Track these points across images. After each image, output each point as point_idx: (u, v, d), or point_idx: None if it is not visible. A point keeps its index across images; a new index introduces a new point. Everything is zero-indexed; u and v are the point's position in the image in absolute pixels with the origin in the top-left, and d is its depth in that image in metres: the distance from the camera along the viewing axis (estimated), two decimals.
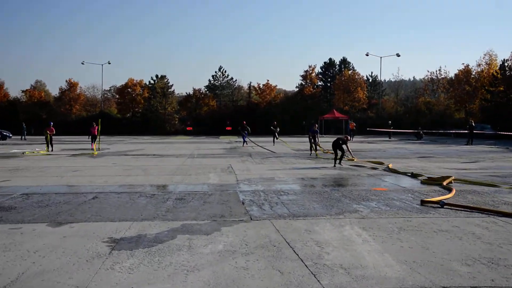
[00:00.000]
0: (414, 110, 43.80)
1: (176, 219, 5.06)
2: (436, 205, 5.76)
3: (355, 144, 23.18)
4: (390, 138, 30.70)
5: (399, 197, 6.52)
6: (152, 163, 12.00)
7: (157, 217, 5.16)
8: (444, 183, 7.43)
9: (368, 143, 24.90)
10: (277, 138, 23.04)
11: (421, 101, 45.07)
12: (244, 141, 21.10)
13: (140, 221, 4.98)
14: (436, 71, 46.38)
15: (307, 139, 16.59)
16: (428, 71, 59.08)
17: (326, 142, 20.80)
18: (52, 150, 17.36)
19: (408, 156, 14.58)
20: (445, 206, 5.61)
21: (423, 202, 5.84)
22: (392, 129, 31.21)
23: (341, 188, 7.43)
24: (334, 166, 11.14)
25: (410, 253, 3.79)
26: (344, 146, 11.45)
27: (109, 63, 51.17)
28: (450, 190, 6.75)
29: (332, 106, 45.17)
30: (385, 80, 61.19)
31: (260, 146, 20.44)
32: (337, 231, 4.53)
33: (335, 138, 12.26)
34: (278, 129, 23.72)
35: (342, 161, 11.69)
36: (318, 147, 15.95)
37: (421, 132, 29.70)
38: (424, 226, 4.71)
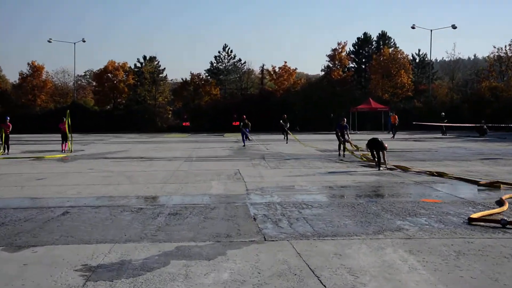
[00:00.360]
0: (476, 98, 42.75)
1: (169, 240, 5.08)
2: (492, 224, 5.56)
3: (396, 143, 22.95)
4: (444, 134, 30.14)
5: (456, 211, 6.46)
6: (139, 169, 12.15)
7: (145, 238, 5.19)
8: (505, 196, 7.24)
9: (415, 140, 24.64)
10: (288, 134, 23.95)
11: (484, 86, 43.63)
12: (245, 140, 21.61)
13: (123, 242, 5.01)
14: (506, 46, 44.66)
15: (335, 136, 16.67)
16: (495, 47, 57.03)
17: (358, 140, 20.67)
18: (8, 153, 17.46)
19: (468, 157, 14.42)
20: (508, 226, 5.36)
21: (471, 220, 5.64)
22: (447, 122, 30.13)
23: (381, 200, 7.39)
24: (378, 169, 11.42)
25: (473, 285, 3.69)
26: (379, 149, 11.73)
27: (84, 41, 51.29)
28: (501, 204, 6.62)
29: (368, 94, 44.92)
30: (436, 60, 60.14)
31: (275, 146, 20.61)
32: (376, 255, 4.48)
33: (370, 137, 12.36)
34: (288, 124, 24.56)
35: (380, 165, 11.71)
36: (349, 145, 16.03)
37: (485, 127, 29.14)
38: (491, 249, 4.59)
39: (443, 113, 31.83)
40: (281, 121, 25.38)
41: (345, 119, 16.53)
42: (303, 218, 6.07)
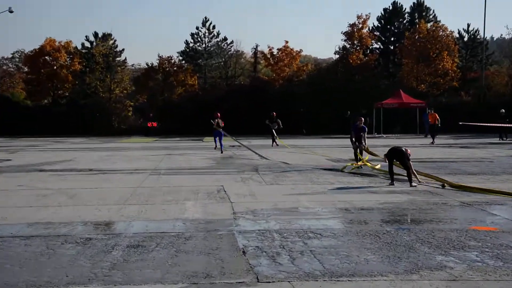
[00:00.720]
0: None
1: (128, 282, 5.07)
2: None
3: (436, 150, 23.11)
4: (503, 138, 29.78)
5: None
6: (87, 185, 12.19)
7: (94, 279, 5.18)
8: None
9: (462, 147, 24.82)
10: (276, 138, 25.46)
11: None
12: (219, 144, 23.01)
13: (63, 286, 5.00)
14: None
15: (350, 141, 16.95)
16: None
17: (384, 146, 20.85)
18: None
19: None
20: None
21: None
22: (508, 122, 29.49)
23: (415, 227, 7.44)
24: (392, 183, 11.79)
25: None
26: (403, 161, 11.98)
27: (11, 12, 49.92)
28: None
29: (398, 85, 45.41)
30: (492, 39, 59.80)
31: (271, 154, 20.77)
32: None
33: (391, 147, 12.54)
34: (277, 125, 25.70)
35: (412, 181, 11.80)
36: (363, 153, 16.25)
37: None
38: None
39: (503, 110, 31.20)
40: (266, 121, 26.11)
41: (362, 119, 16.61)
42: (309, 252, 6.09)
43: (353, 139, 16.21)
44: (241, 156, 20.38)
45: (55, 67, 49.07)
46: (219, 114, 24.49)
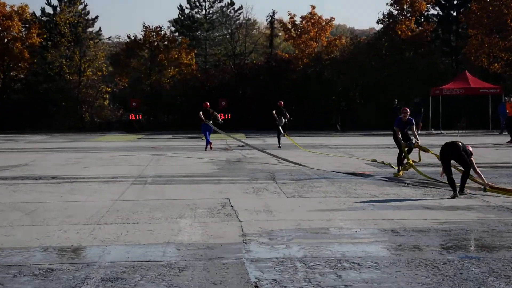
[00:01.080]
0: None
1: None
2: None
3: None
4: None
5: None
6: (50, 198, 12.30)
7: None
8: None
9: None
10: (282, 135, 26.27)
11: None
12: (208, 142, 24.51)
13: None
14: None
15: (394, 140, 16.85)
16: None
17: (434, 146, 20.73)
18: None
19: None
20: None
21: None
22: None
23: (486, 255, 7.41)
24: (455, 194, 11.79)
25: None
26: (461, 158, 12.04)
27: None
28: None
29: (462, 64, 44.99)
30: None
31: (293, 155, 20.85)
32: None
33: (443, 144, 12.52)
34: (284, 119, 26.46)
35: (465, 187, 11.90)
36: (411, 153, 16.16)
37: None
38: None
39: None
40: (274, 112, 26.59)
41: (408, 110, 16.36)
42: None
43: (398, 136, 15.96)
44: (253, 159, 20.44)
45: (5, 40, 49.29)
46: (208, 105, 25.24)
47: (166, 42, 50.34)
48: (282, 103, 27.37)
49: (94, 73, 51.26)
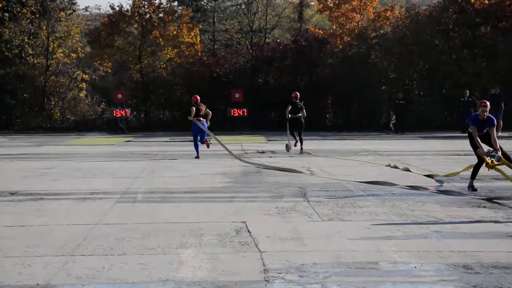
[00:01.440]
0: None
1: None
2: None
3: None
4: None
5: None
6: (5, 220, 12.35)
7: None
8: None
9: None
10: (297, 137, 27.10)
11: None
12: (198, 146, 25.40)
13: None
14: None
15: (471, 146, 16.48)
16: None
17: None
18: None
19: None
20: None
21: None
22: None
23: None
24: None
25: None
26: None
27: None
28: None
29: None
30: None
31: (330, 164, 20.73)
32: None
33: None
34: (300, 113, 27.49)
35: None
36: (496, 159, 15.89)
37: None
38: None
39: None
40: (289, 107, 27.35)
41: (488, 104, 15.74)
42: None
43: (476, 138, 15.59)
44: (274, 172, 20.40)
45: None
46: (198, 99, 25.68)
47: (161, 15, 50.23)
48: (298, 94, 27.93)
49: (67, 55, 51.26)
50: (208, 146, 25.43)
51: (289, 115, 26.91)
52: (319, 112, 46.06)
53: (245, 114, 42.86)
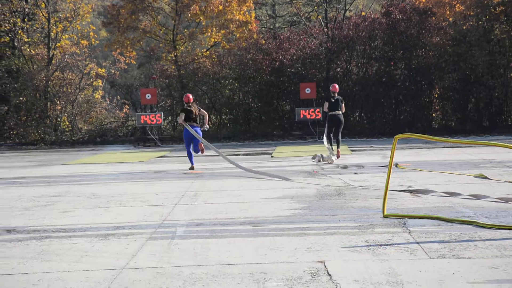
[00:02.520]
0: None
1: None
2: None
3: None
4: None
5: None
6: (4, 269, 12.37)
7: None
8: None
9: None
10: (327, 145, 28.52)
11: None
12: (192, 156, 28.17)
13: None
14: None
15: None
16: None
17: None
18: None
19: None
20: None
21: None
22: None
23: None
24: None
25: None
26: None
27: None
28: None
29: None
30: None
31: (452, 181, 20.57)
32: None
33: None
34: (339, 109, 29.24)
35: None
36: None
37: None
38: None
39: None
40: (325, 105, 28.66)
41: None
42: None
43: None
44: (366, 191, 20.44)
45: None
46: (190, 98, 26.96)
47: None
48: (337, 87, 28.70)
49: (75, 43, 51.87)
50: (202, 152, 26.93)
51: (328, 112, 27.94)
52: (421, 110, 46.07)
53: (319, 116, 42.84)
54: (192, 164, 26.81)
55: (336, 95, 28.50)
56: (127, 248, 13.45)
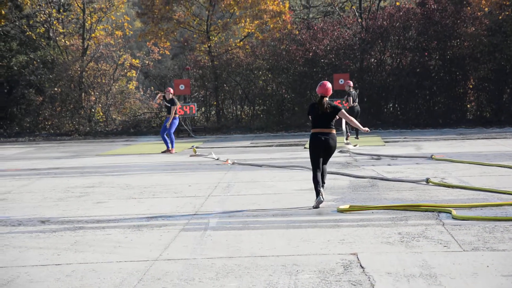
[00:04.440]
0: None
1: None
2: None
3: None
4: None
5: None
6: (35, 258, 12.44)
7: None
8: None
9: None
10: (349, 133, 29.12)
11: None
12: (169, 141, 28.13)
13: None
14: None
15: None
16: None
17: None
18: None
19: None
20: None
21: None
22: None
23: None
24: None
25: None
26: None
27: None
28: None
29: None
30: None
31: None
32: None
33: None
34: (355, 103, 30.70)
35: None
36: None
37: None
38: None
39: None
40: (345, 99, 29.67)
41: None
42: None
43: None
44: (398, 183, 20.40)
45: None
46: (171, 92, 28.67)
47: None
48: (351, 83, 29.23)
49: (109, 34, 51.93)
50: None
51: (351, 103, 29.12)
52: (456, 101, 45.91)
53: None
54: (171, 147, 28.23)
55: (351, 91, 28.55)
56: (160, 240, 13.50)
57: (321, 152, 17.66)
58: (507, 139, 33.65)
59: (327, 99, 17.45)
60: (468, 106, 49.03)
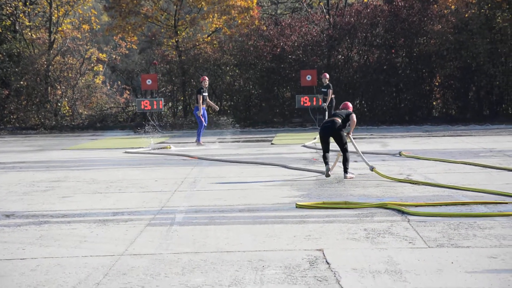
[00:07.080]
0: None
1: None
2: None
3: None
4: None
5: None
6: (0, 252, 12.43)
7: None
8: None
9: None
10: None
11: None
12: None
13: None
14: None
15: None
16: None
17: None
18: None
19: None
20: None
21: None
22: None
23: None
24: None
25: None
26: None
27: None
28: None
29: None
30: None
31: None
32: None
33: None
34: (330, 98, 30.42)
35: None
36: None
37: None
38: None
39: None
40: (327, 91, 29.76)
41: None
42: None
43: None
44: (365, 178, 20.50)
45: None
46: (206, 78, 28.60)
47: None
48: (328, 76, 28.38)
49: (76, 28, 51.72)
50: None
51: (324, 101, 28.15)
52: (422, 98, 46.12)
53: (320, 103, 42.79)
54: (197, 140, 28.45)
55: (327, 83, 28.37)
56: (125, 234, 13.48)
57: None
58: (472, 137, 33.84)
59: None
60: (434, 103, 49.34)
